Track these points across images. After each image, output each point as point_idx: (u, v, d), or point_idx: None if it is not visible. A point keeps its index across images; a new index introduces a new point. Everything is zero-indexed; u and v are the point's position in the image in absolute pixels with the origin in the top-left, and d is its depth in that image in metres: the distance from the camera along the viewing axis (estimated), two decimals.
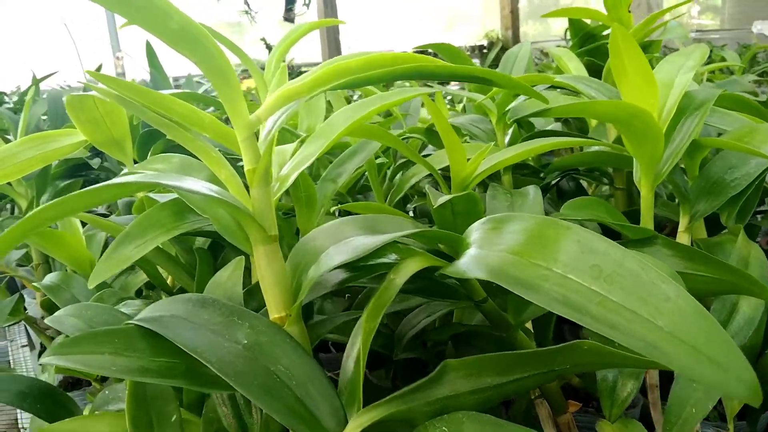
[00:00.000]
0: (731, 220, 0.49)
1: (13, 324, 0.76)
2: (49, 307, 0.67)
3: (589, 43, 0.88)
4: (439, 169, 0.52)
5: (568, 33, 0.90)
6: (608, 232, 0.41)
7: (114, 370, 0.28)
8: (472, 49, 4.84)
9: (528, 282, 0.24)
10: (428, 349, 0.45)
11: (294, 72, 3.72)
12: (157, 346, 0.29)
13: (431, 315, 0.40)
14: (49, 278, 0.52)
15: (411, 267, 0.31)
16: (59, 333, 0.74)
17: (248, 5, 4.13)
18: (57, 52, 3.50)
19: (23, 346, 0.85)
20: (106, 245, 0.61)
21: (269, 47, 3.91)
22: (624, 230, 0.42)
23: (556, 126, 0.89)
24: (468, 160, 0.47)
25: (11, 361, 0.81)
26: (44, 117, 1.09)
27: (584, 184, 0.71)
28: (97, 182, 0.70)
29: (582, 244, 0.24)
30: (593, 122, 0.66)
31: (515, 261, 0.26)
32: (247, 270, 0.46)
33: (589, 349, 0.26)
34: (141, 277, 0.52)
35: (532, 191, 0.50)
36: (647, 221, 0.44)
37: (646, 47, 0.77)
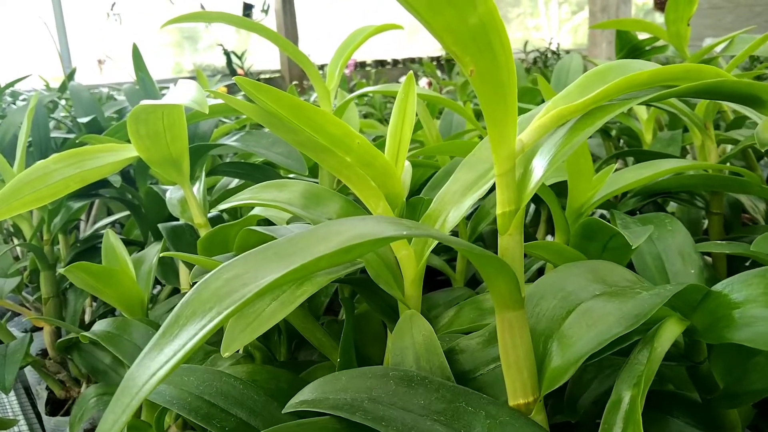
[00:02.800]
0: None
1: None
2: (66, 350, 0.57)
3: (637, 57, 0.84)
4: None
5: (527, 46, 0.85)
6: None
7: None
8: (432, 60, 4.83)
9: None
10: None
11: (254, 79, 3.61)
12: None
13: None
14: (103, 326, 0.43)
15: (670, 332, 0.25)
16: (72, 378, 0.64)
17: (203, 9, 3.99)
18: (32, 52, 3.29)
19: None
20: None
21: (227, 53, 3.79)
22: None
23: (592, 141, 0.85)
24: None
25: None
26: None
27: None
28: (122, 204, 0.61)
29: None
30: (699, 141, 0.61)
31: None
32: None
33: None
34: None
35: (669, 219, 0.45)
36: None
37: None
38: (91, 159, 0.48)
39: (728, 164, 0.57)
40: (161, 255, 0.35)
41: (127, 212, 0.77)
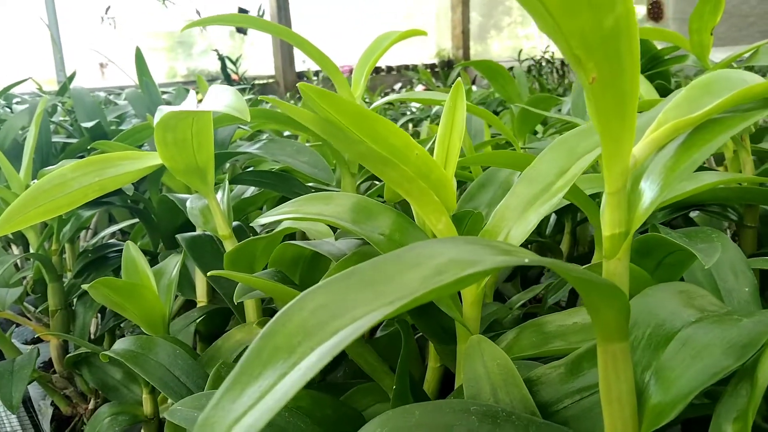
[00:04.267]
0: None
1: None
2: (74, 364, 0.55)
3: (656, 66, 0.83)
4: None
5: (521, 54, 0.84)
6: None
7: None
8: (425, 67, 4.83)
9: None
10: None
11: (248, 84, 3.58)
12: None
13: None
14: (124, 344, 0.40)
15: None
16: (79, 393, 0.62)
17: (199, 15, 3.95)
18: (22, 54, 3.23)
19: None
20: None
21: (222, 58, 3.76)
22: None
23: None
24: None
25: None
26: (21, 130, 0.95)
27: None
28: (130, 212, 0.59)
29: None
30: (730, 153, 0.60)
31: None
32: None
33: None
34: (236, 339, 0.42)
35: (716, 234, 0.43)
36: None
37: None
38: (112, 167, 0.45)
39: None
40: (210, 274, 0.33)
41: (132, 220, 0.75)
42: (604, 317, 0.20)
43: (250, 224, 0.51)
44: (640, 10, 5.38)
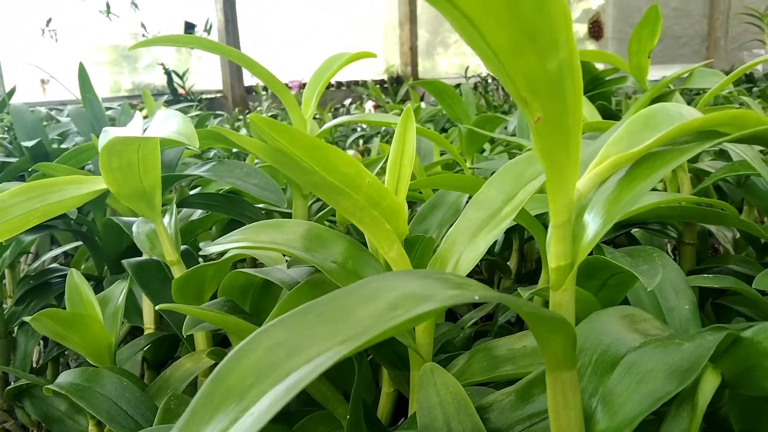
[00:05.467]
0: None
1: None
2: (15, 397, 0.52)
3: (597, 87, 0.85)
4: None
5: (467, 71, 0.87)
6: None
7: None
8: (375, 82, 4.86)
9: None
10: None
11: (195, 99, 3.53)
12: None
13: None
14: (69, 377, 0.39)
15: (710, 385, 0.24)
16: (20, 426, 0.59)
17: (144, 28, 3.88)
18: None
19: None
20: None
21: (168, 72, 3.70)
22: None
23: None
24: None
25: None
26: None
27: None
28: (78, 236, 0.57)
29: None
30: (669, 173, 0.62)
31: None
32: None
33: None
34: (190, 367, 0.41)
35: (657, 254, 0.44)
36: None
37: (662, 97, 0.75)
38: (56, 192, 0.44)
39: (704, 197, 0.57)
40: (159, 308, 0.32)
41: (75, 243, 0.73)
42: (553, 348, 0.20)
43: (199, 248, 0.51)
44: (582, 29, 5.55)
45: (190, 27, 4.07)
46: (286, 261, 0.39)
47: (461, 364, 0.31)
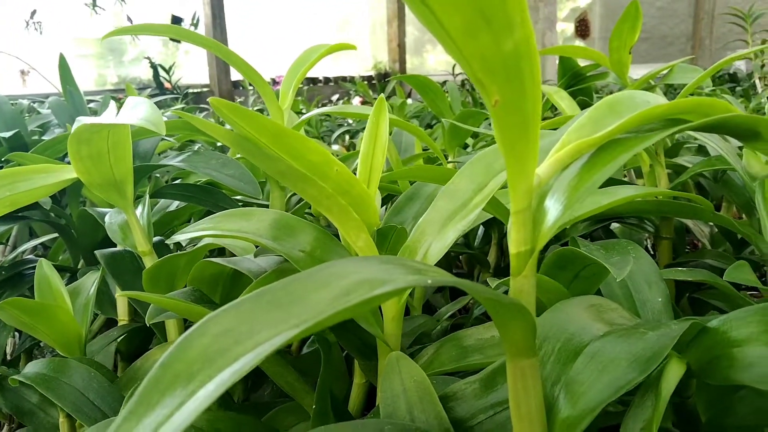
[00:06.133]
0: None
1: None
2: None
3: (579, 83, 0.85)
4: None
5: (455, 68, 0.87)
6: None
7: None
8: (362, 79, 4.85)
9: None
10: None
11: (181, 93, 3.50)
12: None
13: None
14: (36, 367, 0.38)
15: (674, 374, 0.24)
16: None
17: (131, 21, 3.84)
18: None
19: None
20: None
21: (154, 66, 3.66)
22: None
23: None
24: None
25: None
26: None
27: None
28: (53, 227, 0.56)
29: None
30: (647, 167, 0.62)
31: None
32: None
33: None
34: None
35: (631, 246, 0.44)
36: None
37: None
38: (24, 181, 0.43)
39: (679, 191, 0.58)
40: (119, 295, 0.31)
41: (52, 234, 0.72)
42: (512, 334, 0.20)
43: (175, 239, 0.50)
44: (569, 28, 5.57)
45: (177, 21, 4.04)
46: (255, 251, 0.39)
47: (430, 354, 0.31)
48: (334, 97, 3.74)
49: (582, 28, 5.29)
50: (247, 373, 0.22)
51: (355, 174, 0.33)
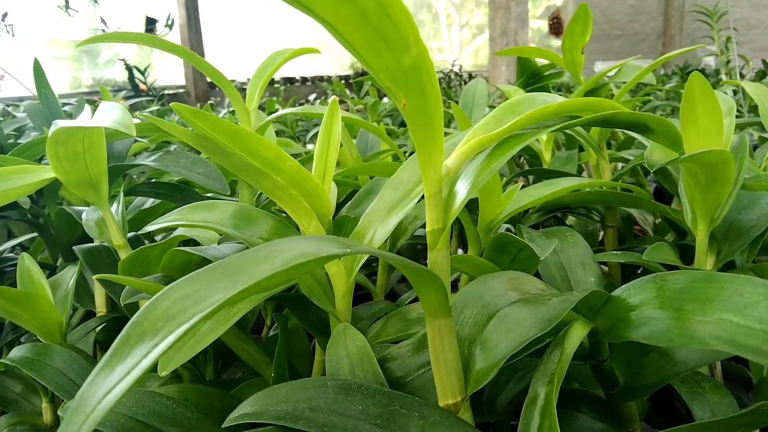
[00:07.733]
0: (742, 258, 0.51)
1: None
2: None
3: (536, 82, 0.90)
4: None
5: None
6: None
7: None
8: (339, 78, 4.88)
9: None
10: None
11: (157, 94, 3.51)
12: None
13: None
14: (20, 352, 0.41)
15: (577, 334, 0.28)
16: None
17: (105, 23, 3.84)
18: None
19: None
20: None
21: (129, 68, 3.67)
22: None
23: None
24: None
25: None
26: None
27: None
28: (32, 227, 0.59)
29: None
30: (594, 161, 0.66)
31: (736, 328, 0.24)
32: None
33: None
34: None
35: (570, 233, 0.49)
36: (702, 263, 0.44)
37: (595, 90, 0.80)
38: (2, 181, 0.46)
39: (621, 181, 0.62)
40: (96, 277, 0.35)
41: (31, 234, 0.75)
42: (429, 298, 0.24)
43: (150, 234, 0.53)
44: (545, 26, 5.64)
45: (151, 22, 4.03)
46: (220, 238, 0.42)
47: (378, 327, 0.35)
48: (311, 97, 3.77)
49: (555, 27, 5.36)
50: (209, 344, 0.26)
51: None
